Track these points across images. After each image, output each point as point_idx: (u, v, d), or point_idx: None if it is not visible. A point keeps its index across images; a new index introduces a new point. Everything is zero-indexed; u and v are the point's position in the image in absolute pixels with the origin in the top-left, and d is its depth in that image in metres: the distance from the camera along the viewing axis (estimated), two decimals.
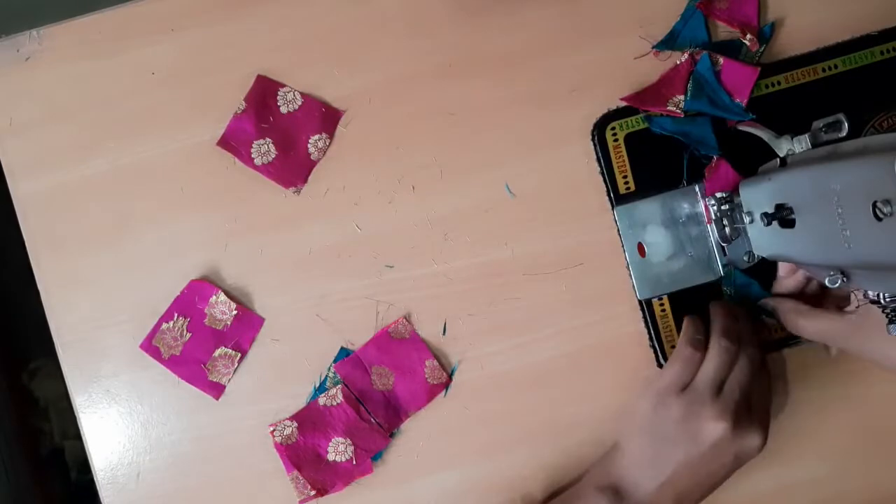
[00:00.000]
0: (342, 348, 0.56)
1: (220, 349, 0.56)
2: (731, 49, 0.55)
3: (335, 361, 0.55)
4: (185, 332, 0.56)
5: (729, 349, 0.50)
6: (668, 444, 0.49)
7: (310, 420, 0.55)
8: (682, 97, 0.54)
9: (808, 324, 0.51)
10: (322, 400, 0.55)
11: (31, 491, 1.11)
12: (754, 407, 0.50)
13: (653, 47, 0.56)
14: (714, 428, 0.48)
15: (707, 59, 0.54)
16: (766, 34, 0.56)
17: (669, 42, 0.55)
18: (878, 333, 0.46)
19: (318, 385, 0.56)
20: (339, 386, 0.55)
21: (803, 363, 0.56)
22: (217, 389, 0.56)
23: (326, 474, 0.55)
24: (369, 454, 0.55)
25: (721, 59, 0.54)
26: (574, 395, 0.56)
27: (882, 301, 0.43)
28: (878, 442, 0.56)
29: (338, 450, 0.55)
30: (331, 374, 0.55)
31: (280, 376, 0.56)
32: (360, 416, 0.55)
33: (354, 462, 0.55)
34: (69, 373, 0.56)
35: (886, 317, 0.44)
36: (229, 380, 0.56)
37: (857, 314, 0.48)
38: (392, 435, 0.55)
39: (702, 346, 0.52)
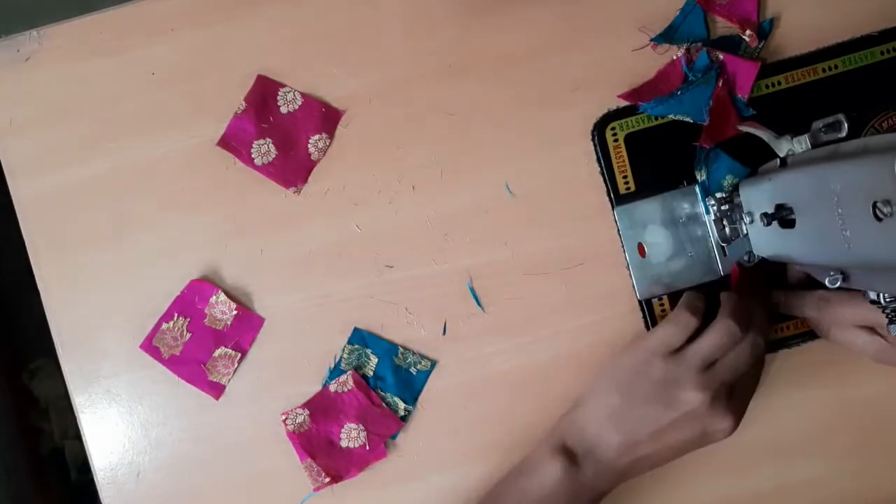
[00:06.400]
0: (355, 329, 0.56)
1: (220, 349, 0.56)
2: (731, 45, 0.55)
3: (349, 342, 0.56)
4: (185, 332, 0.56)
5: (734, 335, 0.49)
6: (640, 404, 0.48)
7: (321, 407, 0.55)
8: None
9: (838, 333, 0.50)
10: (333, 387, 0.55)
11: (31, 491, 1.11)
12: (736, 393, 0.49)
13: (651, 40, 0.56)
14: (693, 398, 0.47)
15: (706, 56, 0.54)
16: (765, 30, 0.56)
17: (668, 35, 0.55)
18: None
19: (332, 367, 0.56)
20: (350, 372, 0.55)
21: (803, 363, 0.56)
22: (217, 389, 0.56)
23: (340, 461, 0.55)
24: (382, 439, 0.55)
25: (720, 55, 0.54)
26: (574, 395, 0.55)
27: (882, 301, 0.43)
28: (878, 442, 0.56)
29: (350, 436, 0.55)
30: (345, 356, 0.55)
31: (280, 376, 0.56)
32: (371, 401, 0.55)
33: (368, 447, 0.55)
34: (69, 373, 0.56)
35: (886, 317, 0.44)
36: (229, 380, 0.56)
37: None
38: (403, 419, 0.55)
39: (700, 314, 0.50)
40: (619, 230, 0.56)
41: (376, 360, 0.56)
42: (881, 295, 0.43)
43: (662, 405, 0.48)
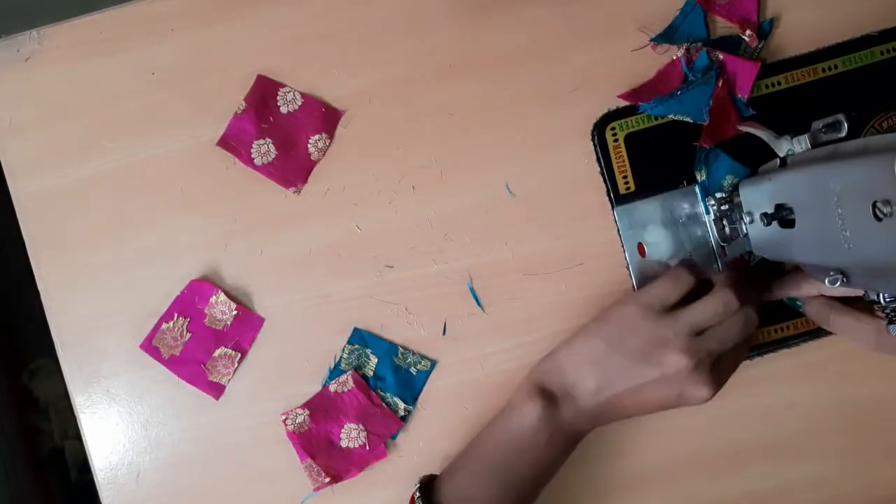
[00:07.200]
0: (355, 329, 0.56)
1: (220, 349, 0.56)
2: (730, 45, 0.55)
3: (349, 342, 0.56)
4: (185, 332, 0.56)
5: (730, 305, 0.49)
6: (625, 357, 0.49)
7: (321, 407, 0.55)
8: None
9: (839, 319, 0.50)
10: (333, 387, 0.55)
11: (31, 491, 1.11)
12: (720, 364, 0.49)
13: (651, 40, 0.56)
14: (677, 361, 0.47)
15: (706, 56, 0.54)
16: (765, 29, 0.56)
17: (668, 35, 0.55)
18: None
19: (332, 367, 0.56)
20: (350, 372, 0.55)
21: (803, 363, 0.56)
22: (217, 389, 0.56)
23: (340, 461, 0.55)
24: (382, 439, 0.55)
25: (720, 55, 0.54)
26: None
27: (882, 301, 0.43)
28: (877, 442, 0.56)
29: (350, 436, 0.55)
30: (345, 356, 0.55)
31: (280, 376, 0.56)
32: (371, 401, 0.55)
33: (368, 447, 0.55)
34: (69, 373, 0.56)
35: (886, 317, 0.44)
36: (229, 380, 0.56)
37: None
38: (403, 419, 0.55)
39: (697, 276, 0.51)
40: (619, 230, 0.56)
41: (376, 360, 0.56)
42: (881, 295, 0.43)
43: (646, 362, 0.48)
